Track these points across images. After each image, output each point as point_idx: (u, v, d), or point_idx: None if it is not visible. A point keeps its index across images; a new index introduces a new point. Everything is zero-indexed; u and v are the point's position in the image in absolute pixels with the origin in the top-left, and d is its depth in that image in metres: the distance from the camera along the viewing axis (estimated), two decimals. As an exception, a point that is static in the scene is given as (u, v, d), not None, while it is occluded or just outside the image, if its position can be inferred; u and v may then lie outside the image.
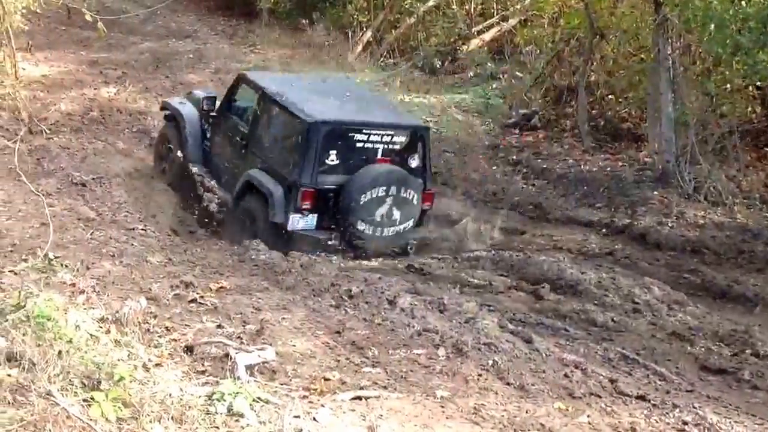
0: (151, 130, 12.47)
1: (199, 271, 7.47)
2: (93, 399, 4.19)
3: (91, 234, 7.86)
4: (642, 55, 14.48)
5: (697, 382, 6.51)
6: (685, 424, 5.28)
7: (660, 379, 6.28)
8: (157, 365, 4.87)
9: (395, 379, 5.37)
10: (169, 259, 7.68)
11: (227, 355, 5.10)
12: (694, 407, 5.49)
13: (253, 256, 8.38)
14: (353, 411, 4.73)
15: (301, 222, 8.86)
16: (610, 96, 15.38)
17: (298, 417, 4.47)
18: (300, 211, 8.82)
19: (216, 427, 4.28)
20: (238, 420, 4.35)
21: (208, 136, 10.48)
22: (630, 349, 6.85)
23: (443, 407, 5.03)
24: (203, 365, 5.06)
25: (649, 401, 5.61)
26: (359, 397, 4.92)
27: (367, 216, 8.91)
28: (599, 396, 5.63)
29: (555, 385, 5.67)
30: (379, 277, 7.91)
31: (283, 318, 6.23)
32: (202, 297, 6.44)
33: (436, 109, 15.82)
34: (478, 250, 9.95)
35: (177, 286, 6.63)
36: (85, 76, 15.14)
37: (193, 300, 6.37)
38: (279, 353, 5.39)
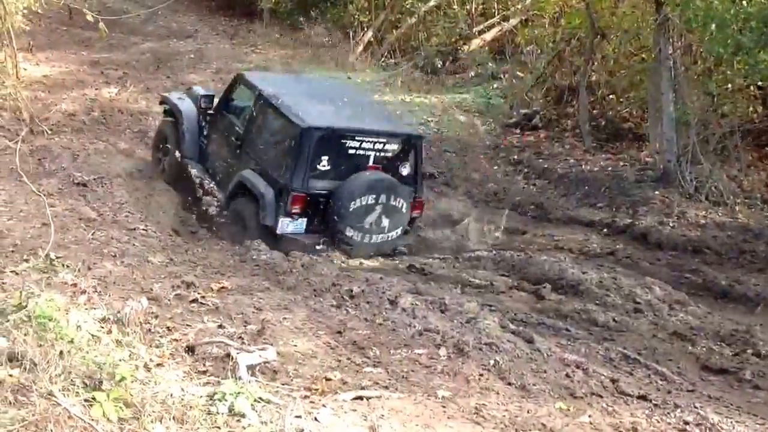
0: (152, 131, 12.47)
1: (200, 271, 7.47)
2: (94, 399, 4.19)
3: (92, 234, 7.86)
4: (643, 55, 14.49)
5: (698, 382, 6.50)
6: (686, 424, 5.27)
7: (661, 379, 6.28)
8: (158, 365, 4.87)
9: (396, 379, 5.37)
10: (171, 259, 7.68)
11: (228, 355, 5.10)
12: (695, 407, 5.48)
13: (255, 257, 8.39)
14: (354, 411, 4.73)
15: (290, 226, 8.92)
16: (611, 96, 15.40)
17: (299, 417, 4.47)
18: (290, 214, 8.87)
19: (217, 427, 4.28)
20: (239, 420, 4.35)
21: (205, 133, 10.52)
22: (631, 349, 6.84)
23: (444, 407, 5.03)
24: (204, 365, 5.07)
25: (650, 401, 5.60)
26: (360, 397, 4.92)
27: (356, 223, 8.96)
28: (600, 396, 5.62)
29: (556, 385, 5.66)
30: (381, 277, 7.91)
31: (285, 318, 6.23)
32: (203, 297, 6.44)
33: (438, 109, 15.83)
34: (480, 250, 9.96)
35: (178, 286, 6.64)
36: (87, 77, 15.16)
37: (195, 300, 6.37)
38: (280, 353, 5.40)
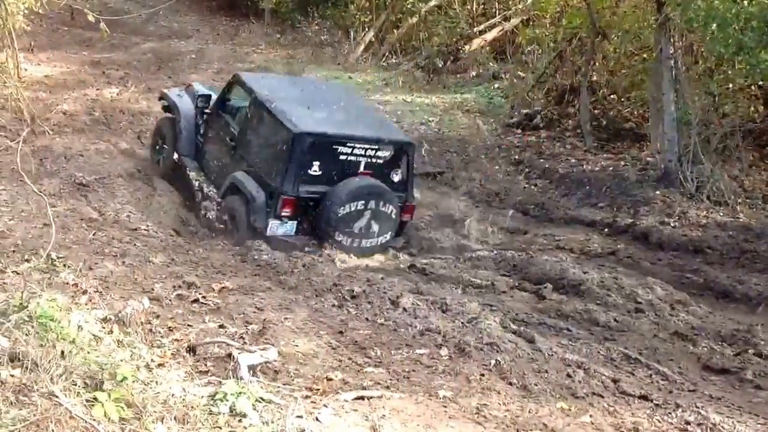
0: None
1: (201, 271, 7.48)
2: (96, 399, 4.19)
3: (93, 234, 7.87)
4: (644, 55, 14.49)
5: (699, 381, 6.49)
6: (687, 423, 5.27)
7: (662, 379, 6.27)
8: (159, 365, 4.87)
9: (398, 379, 5.37)
10: (172, 259, 7.69)
11: (230, 355, 5.11)
12: (696, 407, 5.47)
13: (256, 257, 8.39)
14: (356, 411, 4.74)
15: (280, 228, 9.01)
16: (612, 96, 15.39)
17: (300, 417, 4.47)
18: (280, 217, 8.97)
19: (219, 427, 4.29)
20: (240, 420, 4.36)
21: (202, 131, 10.61)
22: (632, 349, 6.84)
23: (446, 407, 5.03)
24: (206, 365, 5.07)
25: (651, 401, 5.60)
26: (362, 397, 4.92)
27: (346, 228, 9.03)
28: (602, 396, 5.62)
29: (557, 384, 5.66)
30: (382, 278, 7.92)
31: (286, 318, 6.24)
32: (204, 297, 6.45)
33: (439, 108, 15.84)
34: (481, 250, 9.96)
35: (179, 287, 6.64)
36: (88, 77, 15.18)
37: (196, 300, 6.38)
38: (281, 353, 5.40)
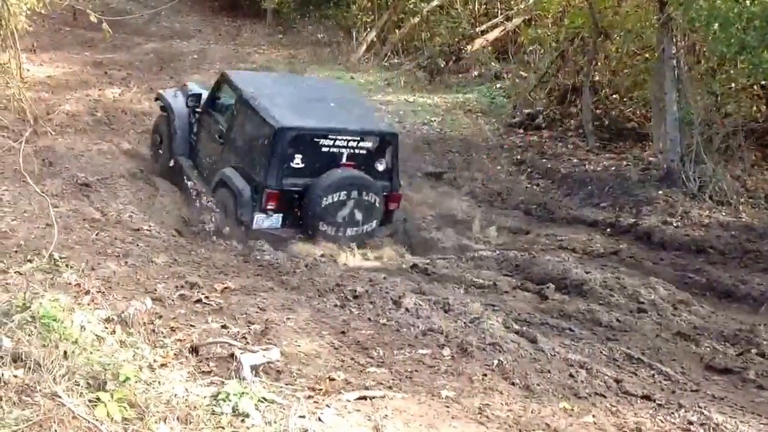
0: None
1: (204, 271, 7.48)
2: (99, 399, 4.20)
3: (96, 235, 7.88)
4: (646, 55, 14.47)
5: (702, 381, 6.48)
6: (690, 423, 5.26)
7: (665, 379, 6.27)
8: (162, 366, 4.88)
9: (400, 379, 5.37)
10: (174, 259, 7.69)
11: (232, 355, 5.11)
12: (699, 407, 5.46)
13: (258, 257, 8.40)
14: (358, 411, 4.74)
15: (266, 221, 9.21)
16: (614, 95, 15.38)
17: (303, 417, 4.47)
18: (265, 211, 9.16)
19: (221, 427, 4.29)
20: (243, 420, 4.36)
21: (195, 130, 10.79)
22: (635, 349, 6.83)
23: (448, 407, 5.03)
24: (208, 365, 5.07)
25: (654, 401, 5.60)
26: (364, 397, 4.92)
27: (329, 218, 9.20)
28: (604, 396, 5.62)
29: (560, 385, 5.66)
30: (384, 277, 7.92)
31: (288, 318, 6.24)
32: (207, 297, 6.45)
33: (441, 108, 15.83)
34: (483, 250, 9.95)
35: (182, 287, 6.65)
36: (90, 77, 15.20)
37: (198, 300, 6.38)
38: (284, 353, 5.40)
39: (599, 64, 15.41)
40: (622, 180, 12.34)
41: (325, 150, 9.23)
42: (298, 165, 9.16)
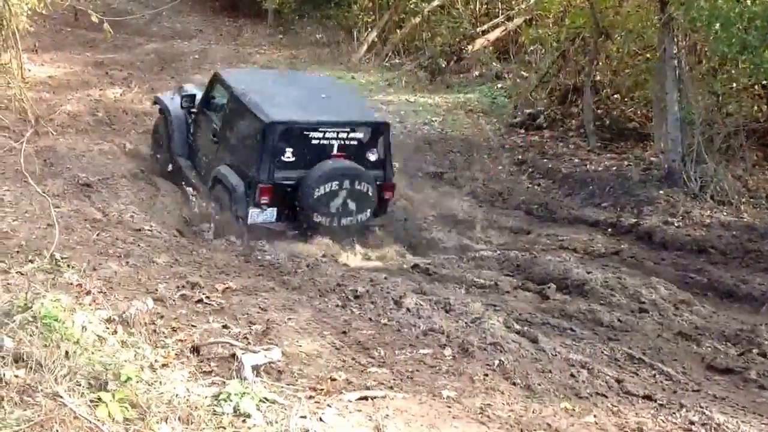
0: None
1: (205, 271, 7.48)
2: (100, 399, 4.20)
3: (97, 235, 7.88)
4: (647, 54, 14.45)
5: (703, 381, 6.48)
6: (691, 424, 5.26)
7: (666, 379, 6.26)
8: (163, 366, 4.88)
9: (401, 379, 5.37)
10: (176, 259, 7.70)
11: (233, 355, 5.12)
12: (700, 407, 5.46)
13: (259, 257, 8.40)
14: (359, 411, 4.74)
15: (260, 216, 9.29)
16: (615, 95, 15.36)
17: (304, 417, 4.47)
18: (259, 205, 9.24)
19: (223, 427, 4.29)
20: (244, 420, 4.36)
21: (191, 131, 10.87)
22: (636, 349, 6.82)
23: (449, 407, 5.03)
24: (210, 366, 5.08)
25: (655, 401, 5.59)
26: (365, 397, 4.92)
27: (323, 208, 9.27)
28: (606, 396, 5.62)
29: (561, 385, 5.66)
30: (385, 277, 7.92)
31: (289, 318, 6.24)
32: (208, 297, 6.46)
33: (442, 108, 15.83)
34: (484, 249, 9.95)
35: (183, 287, 6.65)
36: (91, 77, 15.21)
37: (200, 300, 6.38)
38: (285, 353, 5.40)
39: (600, 64, 15.39)
40: (624, 180, 12.33)
41: (315, 142, 9.31)
42: (290, 158, 9.24)
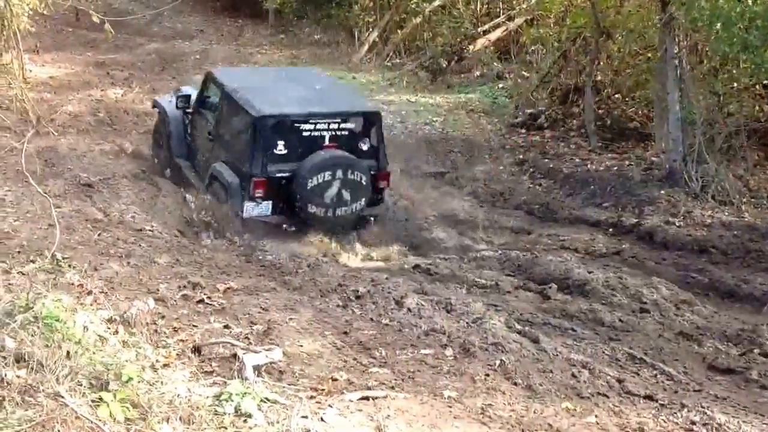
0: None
1: (206, 271, 7.48)
2: (101, 399, 4.20)
3: (98, 235, 7.89)
4: (649, 54, 14.44)
5: (705, 381, 6.48)
6: (693, 424, 5.25)
7: (668, 379, 6.26)
8: (165, 366, 4.88)
9: (403, 380, 5.37)
10: (177, 259, 7.70)
11: (235, 355, 5.12)
12: (702, 407, 5.46)
13: (260, 257, 8.41)
14: (361, 411, 4.74)
15: (256, 209, 9.34)
16: (616, 95, 15.35)
17: (305, 417, 4.47)
18: (253, 199, 9.29)
19: (224, 427, 4.29)
20: (246, 420, 4.36)
21: (189, 131, 10.96)
22: (638, 349, 6.82)
23: (451, 407, 5.03)
24: (211, 366, 5.08)
25: (657, 401, 5.59)
26: (367, 398, 4.92)
27: (317, 199, 9.31)
28: (607, 396, 5.62)
29: (562, 385, 5.66)
30: (386, 278, 7.92)
31: (291, 318, 6.24)
32: (209, 297, 6.46)
33: (443, 108, 15.82)
34: (485, 250, 9.95)
35: (184, 287, 6.65)
36: (92, 78, 15.22)
37: (201, 300, 6.38)
38: (286, 354, 5.40)
39: (601, 63, 15.38)
40: (625, 180, 12.32)
41: (306, 134, 9.37)
42: (282, 151, 9.30)
